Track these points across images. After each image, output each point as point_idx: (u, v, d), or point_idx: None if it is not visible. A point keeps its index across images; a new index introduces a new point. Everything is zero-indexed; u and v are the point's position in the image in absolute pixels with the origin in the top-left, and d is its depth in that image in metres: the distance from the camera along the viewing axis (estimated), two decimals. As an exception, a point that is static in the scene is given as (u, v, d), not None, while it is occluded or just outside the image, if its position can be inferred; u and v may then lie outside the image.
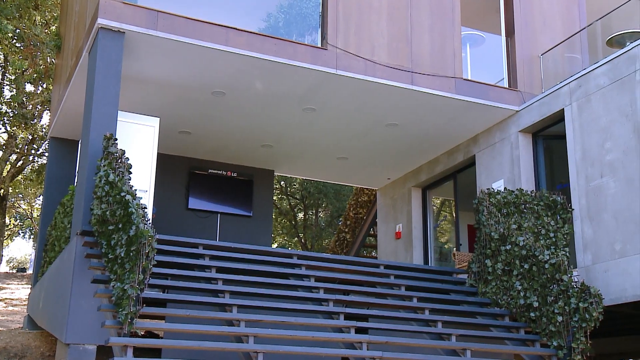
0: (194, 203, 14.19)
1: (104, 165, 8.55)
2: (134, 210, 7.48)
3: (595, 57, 12.54)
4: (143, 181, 9.89)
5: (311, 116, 12.25)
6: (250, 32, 10.27)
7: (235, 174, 14.65)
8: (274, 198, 25.35)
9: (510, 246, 10.00)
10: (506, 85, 12.29)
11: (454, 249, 14.01)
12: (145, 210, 7.74)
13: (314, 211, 28.76)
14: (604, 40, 12.28)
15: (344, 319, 8.98)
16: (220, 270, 9.45)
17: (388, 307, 9.79)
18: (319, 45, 10.88)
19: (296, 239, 28.49)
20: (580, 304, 8.79)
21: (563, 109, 11.00)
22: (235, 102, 11.73)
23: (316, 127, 12.77)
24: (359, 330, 8.89)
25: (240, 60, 10.29)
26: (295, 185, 27.69)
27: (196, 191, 14.25)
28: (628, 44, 10.39)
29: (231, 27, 10.12)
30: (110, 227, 7.91)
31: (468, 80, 11.75)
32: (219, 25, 10.05)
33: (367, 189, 18.44)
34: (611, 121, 10.02)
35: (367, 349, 8.37)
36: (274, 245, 28.03)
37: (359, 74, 10.84)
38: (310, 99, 11.56)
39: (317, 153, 14.28)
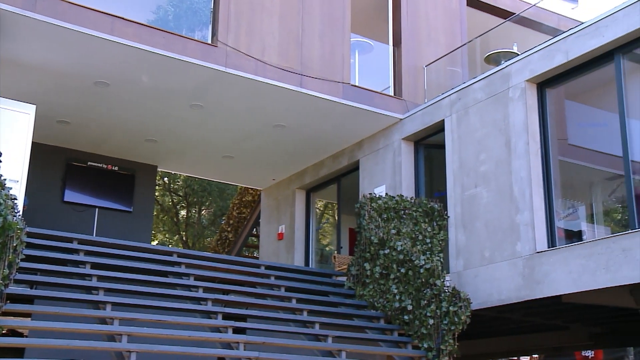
0: (70, 196, 13.57)
1: (-30, 152, 8.02)
2: (2, 201, 7.06)
3: (474, 72, 13.18)
4: (14, 171, 9.36)
5: (199, 113, 12.07)
6: (138, 23, 9.98)
7: (116, 168, 14.17)
8: (156, 194, 24.75)
9: (388, 250, 10.29)
10: (391, 93, 12.65)
11: (335, 251, 14.25)
12: (15, 201, 7.33)
13: (197, 209, 28.34)
14: (482, 57, 12.96)
15: (222, 319, 8.91)
16: (95, 266, 9.12)
17: (267, 308, 9.81)
18: (210, 42, 10.74)
19: (177, 236, 27.96)
20: (451, 308, 9.19)
21: (443, 119, 11.46)
22: (119, 94, 11.34)
23: (203, 124, 12.59)
24: (237, 331, 8.85)
25: (126, 52, 9.97)
26: (179, 182, 27.18)
27: (73, 184, 13.64)
28: (503, 62, 10.99)
29: (118, 17, 9.78)
30: (-25, 218, 7.42)
31: (355, 86, 11.99)
32: (104, 13, 9.69)
33: (251, 189, 18.39)
34: (486, 134, 10.55)
35: (244, 349, 8.34)
36: (154, 243, 27.35)
37: (249, 74, 10.80)
38: (199, 95, 11.39)
39: (203, 150, 14.09)
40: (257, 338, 8.61)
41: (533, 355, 18.68)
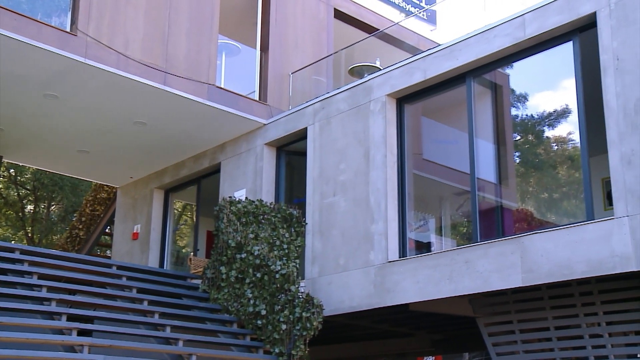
0: None
1: None
2: None
3: (339, 82, 13.52)
4: None
5: (53, 103, 11.44)
6: (-14, 2, 9.32)
7: (-46, 156, 13.11)
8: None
9: (245, 255, 10.27)
10: (257, 98, 12.67)
11: (191, 253, 14.02)
12: None
13: (46, 204, 26.81)
14: (347, 69, 13.32)
15: (67, 320, 8.49)
16: None
17: (116, 309, 9.46)
18: (68, 29, 10.23)
19: (22, 232, 26.29)
20: (304, 314, 9.33)
21: (306, 127, 11.63)
22: (-37, 76, 10.52)
23: (57, 115, 11.95)
24: (82, 333, 8.46)
25: (-27, 31, 9.26)
26: (27, 174, 25.58)
27: None
28: (366, 75, 11.35)
29: (-37, -8, 9.09)
30: None
31: (220, 88, 11.90)
32: (-51, -13, 8.97)
33: (107, 185, 17.68)
34: (347, 144, 10.83)
35: (89, 352, 8.00)
36: (-4, 238, 25.59)
37: (110, 67, 10.41)
38: (54, 85, 10.80)
39: (55, 143, 13.36)
40: (103, 341, 8.27)
41: (380, 361, 19.35)
